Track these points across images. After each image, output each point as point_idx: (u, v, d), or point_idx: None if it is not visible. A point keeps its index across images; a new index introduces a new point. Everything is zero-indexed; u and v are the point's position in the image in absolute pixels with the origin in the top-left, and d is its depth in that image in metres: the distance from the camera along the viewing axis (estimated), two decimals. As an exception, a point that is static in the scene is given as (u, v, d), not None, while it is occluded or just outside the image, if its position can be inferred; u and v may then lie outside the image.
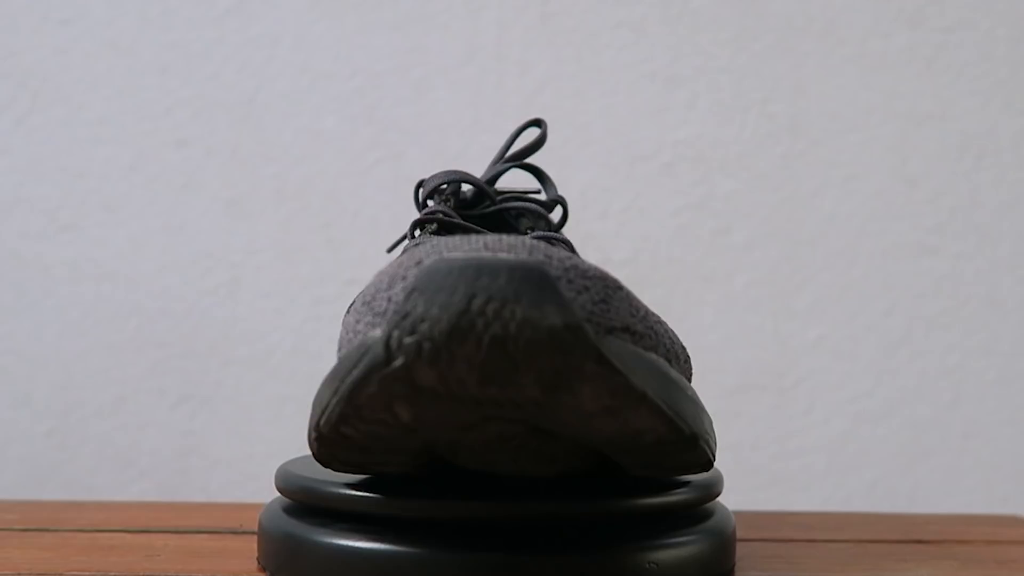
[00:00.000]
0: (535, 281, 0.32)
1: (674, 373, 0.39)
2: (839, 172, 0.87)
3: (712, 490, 0.48)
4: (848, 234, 0.87)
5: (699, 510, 0.48)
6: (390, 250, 0.59)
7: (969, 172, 0.87)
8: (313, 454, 0.40)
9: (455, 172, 0.53)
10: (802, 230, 0.87)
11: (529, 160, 0.56)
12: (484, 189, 0.53)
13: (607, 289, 0.36)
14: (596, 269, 0.36)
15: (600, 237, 0.85)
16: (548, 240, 0.50)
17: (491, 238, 0.35)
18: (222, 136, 0.85)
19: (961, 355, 0.87)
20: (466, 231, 0.49)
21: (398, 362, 0.33)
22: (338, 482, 0.45)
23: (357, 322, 0.36)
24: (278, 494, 0.49)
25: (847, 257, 0.87)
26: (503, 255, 0.33)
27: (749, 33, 0.87)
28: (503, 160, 0.56)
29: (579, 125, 0.87)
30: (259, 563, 0.49)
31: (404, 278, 0.34)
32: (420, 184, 0.55)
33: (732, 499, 0.53)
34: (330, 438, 0.37)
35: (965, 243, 0.87)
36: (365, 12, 0.86)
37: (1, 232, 0.84)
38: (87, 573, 0.47)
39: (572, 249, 0.51)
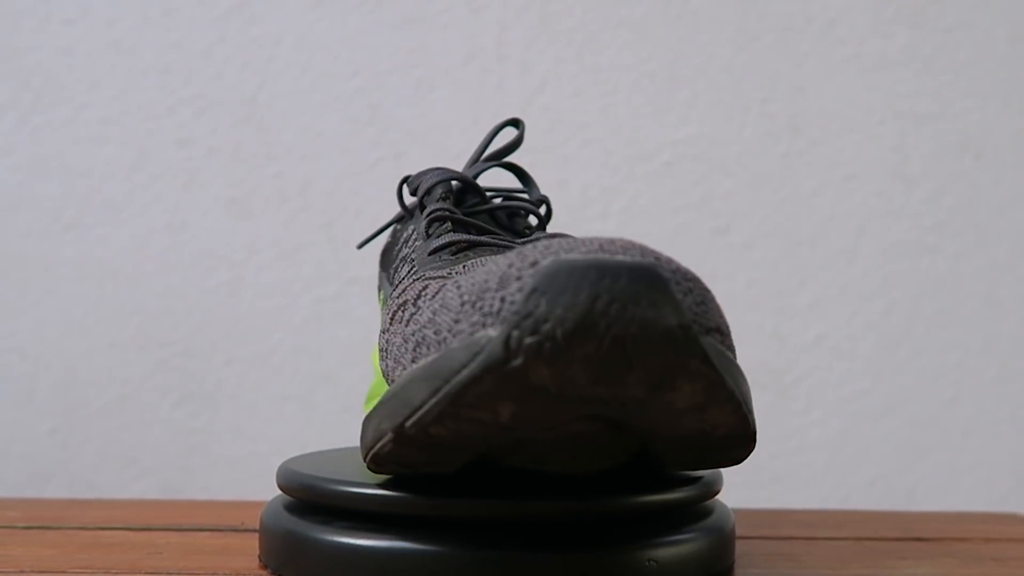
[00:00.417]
0: (652, 283, 0.33)
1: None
2: (838, 171, 0.87)
3: (712, 488, 0.48)
4: (847, 233, 0.87)
5: (699, 508, 0.48)
6: (361, 246, 0.59)
7: (968, 171, 0.87)
8: (375, 456, 0.39)
9: (449, 171, 0.53)
10: (802, 229, 0.87)
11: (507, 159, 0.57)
12: (477, 188, 0.53)
13: (704, 291, 0.37)
14: (692, 271, 0.37)
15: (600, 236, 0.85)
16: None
17: (603, 239, 0.35)
18: (224, 136, 0.85)
19: (960, 354, 0.87)
20: (480, 230, 0.49)
21: (517, 362, 0.33)
22: (339, 480, 0.45)
23: (456, 322, 0.35)
24: (280, 492, 0.49)
25: (846, 256, 0.87)
26: (620, 257, 0.33)
27: (749, 33, 0.87)
28: (483, 159, 0.56)
29: (579, 124, 0.87)
30: (261, 561, 0.49)
31: (519, 278, 0.34)
32: (404, 180, 0.55)
33: (732, 497, 0.53)
34: (412, 437, 0.37)
35: (964, 242, 0.87)
36: (366, 12, 0.86)
37: (4, 231, 0.84)
38: (90, 571, 0.47)
39: None
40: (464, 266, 0.43)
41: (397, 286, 0.46)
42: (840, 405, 0.86)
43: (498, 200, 0.54)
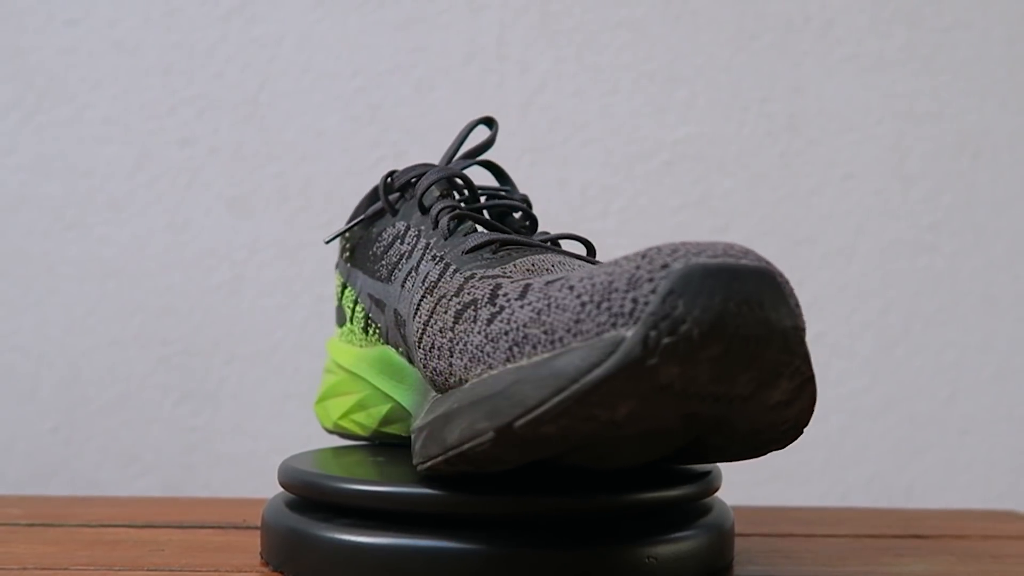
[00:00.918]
0: (772, 286, 0.35)
1: None
2: (837, 171, 0.87)
3: (711, 485, 0.48)
4: (846, 232, 0.87)
5: (698, 505, 0.48)
6: (330, 241, 0.58)
7: (966, 171, 0.87)
8: (457, 456, 0.39)
9: (446, 167, 0.53)
10: (800, 228, 0.87)
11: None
12: (472, 187, 0.53)
13: (796, 294, 0.38)
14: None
15: (601, 235, 0.85)
16: (580, 240, 0.50)
17: (722, 243, 0.36)
18: (226, 135, 0.85)
19: (958, 352, 0.87)
20: (500, 229, 0.49)
21: (652, 361, 0.34)
22: (340, 477, 0.45)
23: (577, 322, 0.35)
24: (281, 489, 0.49)
25: (845, 255, 0.87)
26: (744, 261, 0.35)
27: (748, 33, 0.87)
28: (459, 157, 0.55)
29: (579, 124, 0.87)
30: (262, 558, 0.49)
31: (650, 280, 0.34)
32: (389, 175, 0.55)
33: (731, 495, 0.53)
34: (518, 436, 0.37)
35: (962, 241, 0.87)
36: (367, 12, 0.86)
37: (7, 230, 0.84)
38: (92, 568, 0.47)
39: (594, 250, 0.51)
40: (533, 264, 0.43)
41: (436, 285, 0.45)
42: (839, 403, 0.86)
43: (483, 198, 0.54)
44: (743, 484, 0.77)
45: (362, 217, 0.56)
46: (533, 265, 0.43)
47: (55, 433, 0.84)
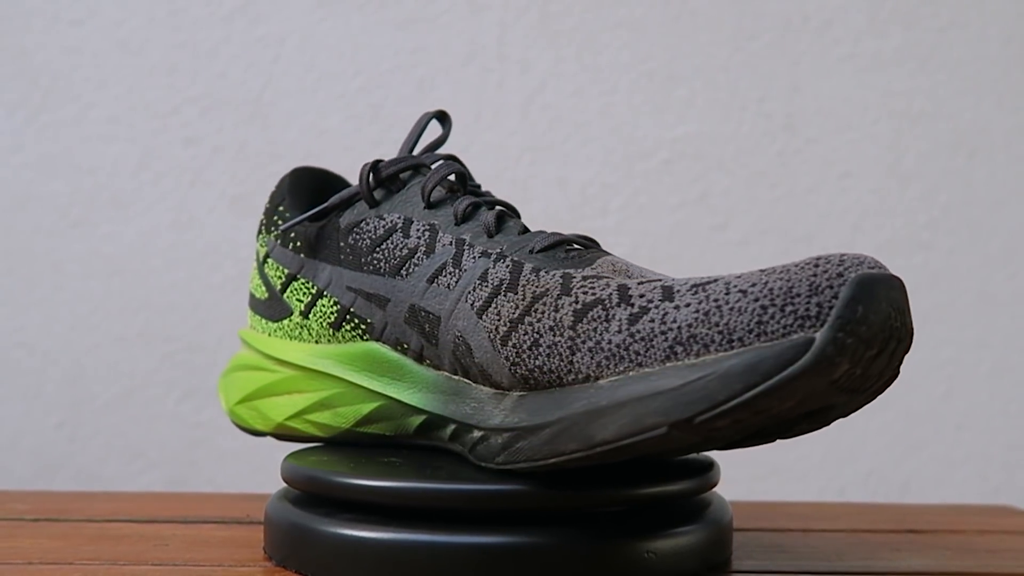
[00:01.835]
0: (905, 294, 0.39)
1: None
2: (834, 169, 0.87)
3: (709, 480, 0.48)
4: (843, 230, 0.87)
5: (696, 500, 0.48)
6: (289, 228, 0.54)
7: (962, 169, 0.87)
8: (612, 450, 0.40)
9: (453, 162, 0.53)
10: (798, 226, 0.87)
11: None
12: (474, 182, 0.53)
13: None
14: None
15: (600, 233, 0.84)
16: (587, 240, 0.49)
17: (866, 255, 0.39)
18: (229, 134, 0.85)
19: (954, 349, 0.87)
20: (501, 218, 0.49)
21: (838, 359, 0.37)
22: (342, 473, 0.45)
23: (760, 323, 0.38)
24: (284, 485, 0.49)
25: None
26: (891, 272, 0.39)
27: (746, 33, 0.87)
28: (418, 153, 0.54)
29: (579, 123, 0.87)
30: (266, 552, 0.49)
31: (831, 287, 0.37)
32: (376, 165, 0.52)
33: (729, 490, 0.53)
34: (693, 430, 0.39)
35: (958, 239, 0.87)
36: (369, 12, 0.86)
37: (13, 228, 0.84)
38: (97, 562, 0.47)
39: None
40: (613, 265, 0.44)
41: (517, 284, 0.44)
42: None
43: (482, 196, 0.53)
44: (741, 479, 0.77)
45: (325, 205, 0.53)
46: (613, 266, 0.44)
47: (60, 429, 0.84)
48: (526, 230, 0.48)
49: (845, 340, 0.37)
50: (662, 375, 0.39)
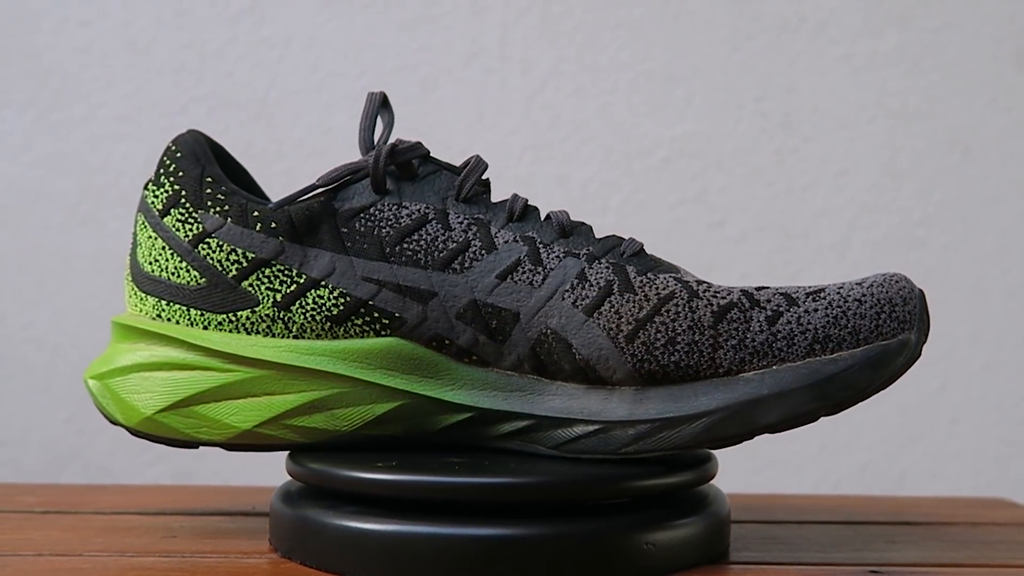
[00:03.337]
0: None
1: None
2: (830, 167, 0.87)
3: (707, 473, 0.48)
4: (839, 227, 0.87)
5: (695, 492, 0.48)
6: (281, 207, 0.49)
7: (956, 167, 0.87)
8: (766, 431, 0.45)
9: (483, 161, 0.50)
10: (795, 223, 0.87)
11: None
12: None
13: None
14: None
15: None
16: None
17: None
18: (236, 133, 0.85)
19: (948, 344, 0.87)
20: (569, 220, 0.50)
21: (917, 353, 0.46)
22: (347, 465, 0.45)
23: (877, 326, 0.45)
24: (289, 477, 0.49)
25: (838, 249, 0.87)
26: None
27: (743, 33, 0.87)
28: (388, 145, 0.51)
29: (579, 122, 0.86)
30: (271, 544, 0.49)
31: (910, 300, 0.46)
32: (394, 148, 0.49)
33: (726, 483, 0.53)
34: (837, 411, 0.46)
35: (952, 236, 0.87)
36: (374, 13, 0.86)
37: (23, 225, 0.84)
38: (106, 553, 0.47)
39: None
40: (673, 266, 0.49)
41: (631, 286, 0.46)
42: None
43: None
44: (738, 472, 0.77)
45: (323, 184, 0.49)
46: (674, 267, 0.49)
47: (69, 423, 0.84)
48: (592, 232, 0.49)
49: (920, 339, 0.46)
50: (811, 366, 0.45)
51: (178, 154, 0.51)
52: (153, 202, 0.51)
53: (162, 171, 0.51)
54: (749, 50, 0.87)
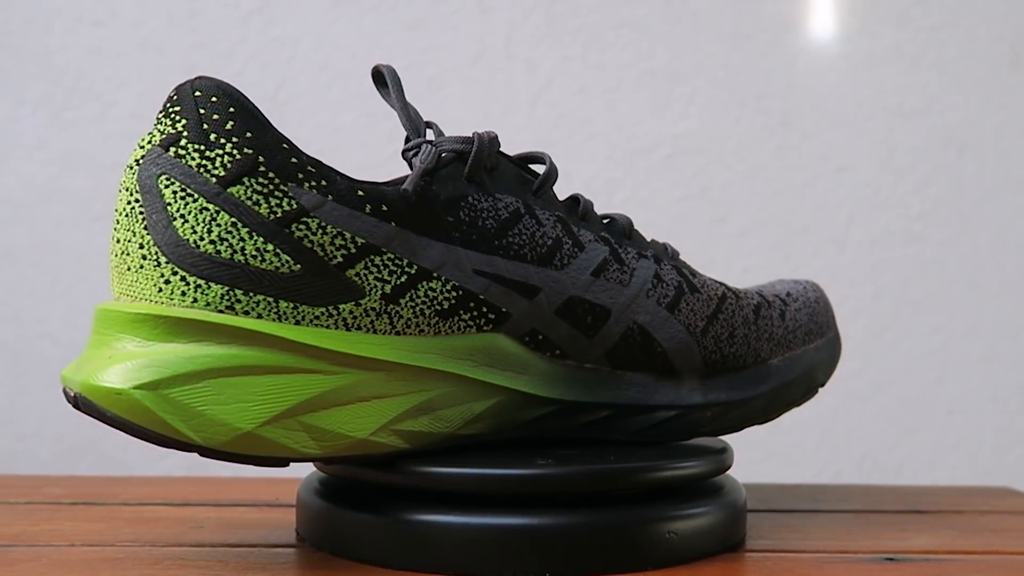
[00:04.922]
0: None
1: None
2: (830, 164, 0.87)
3: (724, 462, 0.48)
4: (838, 222, 0.87)
5: (714, 482, 0.49)
6: (400, 182, 0.47)
7: (952, 164, 0.88)
8: (793, 406, 0.53)
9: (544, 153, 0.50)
10: (795, 218, 0.87)
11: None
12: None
13: None
14: None
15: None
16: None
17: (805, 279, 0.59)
18: (246, 131, 0.85)
19: (945, 336, 0.87)
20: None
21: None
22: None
23: (827, 320, 0.55)
24: (313, 469, 0.49)
25: (837, 244, 0.87)
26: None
27: (745, 33, 0.87)
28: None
29: (584, 119, 0.87)
30: (298, 534, 0.49)
31: (824, 301, 0.55)
32: (491, 140, 0.46)
33: (733, 473, 0.53)
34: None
35: (949, 231, 0.87)
36: (381, 13, 0.86)
37: (38, 222, 0.84)
38: (138, 544, 0.47)
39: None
40: (704, 277, 0.52)
41: (694, 286, 0.50)
42: (831, 385, 0.85)
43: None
44: (740, 463, 0.78)
45: (427, 167, 0.45)
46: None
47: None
48: (641, 234, 0.52)
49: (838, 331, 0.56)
50: (808, 353, 0.53)
51: (230, 108, 0.41)
52: (202, 165, 0.41)
53: (207, 126, 0.41)
54: (750, 49, 0.87)
